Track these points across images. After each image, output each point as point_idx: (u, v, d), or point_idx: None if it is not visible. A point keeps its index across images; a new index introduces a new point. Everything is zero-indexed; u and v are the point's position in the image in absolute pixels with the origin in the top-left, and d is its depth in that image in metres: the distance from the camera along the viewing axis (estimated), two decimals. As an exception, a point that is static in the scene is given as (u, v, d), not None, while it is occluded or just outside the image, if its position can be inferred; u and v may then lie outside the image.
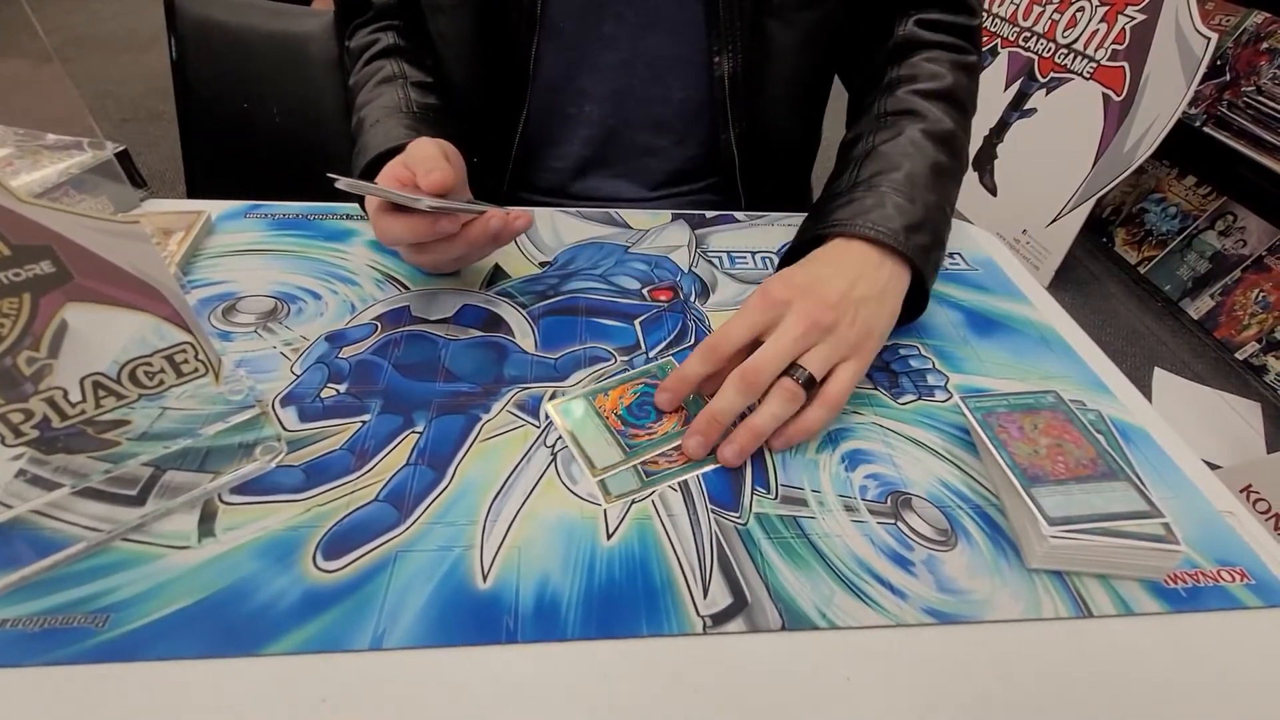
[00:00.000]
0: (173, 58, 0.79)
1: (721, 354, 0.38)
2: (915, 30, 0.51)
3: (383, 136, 0.48)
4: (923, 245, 0.43)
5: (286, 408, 0.38)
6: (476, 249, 0.43)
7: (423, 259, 0.43)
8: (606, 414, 0.39)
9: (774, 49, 0.54)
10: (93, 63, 2.59)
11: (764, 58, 0.54)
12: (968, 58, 0.51)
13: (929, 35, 0.51)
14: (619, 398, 0.40)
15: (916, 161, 0.46)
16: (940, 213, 0.45)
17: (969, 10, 0.52)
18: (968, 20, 0.52)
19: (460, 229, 0.41)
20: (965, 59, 0.51)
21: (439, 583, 0.30)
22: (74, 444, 0.29)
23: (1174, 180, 1.78)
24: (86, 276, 0.26)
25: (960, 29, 0.51)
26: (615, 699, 0.27)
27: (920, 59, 0.51)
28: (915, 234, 0.43)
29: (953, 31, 0.51)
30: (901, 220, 0.43)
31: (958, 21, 0.51)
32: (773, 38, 0.53)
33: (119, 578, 0.30)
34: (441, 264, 0.44)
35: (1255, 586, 0.33)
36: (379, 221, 0.41)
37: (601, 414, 0.39)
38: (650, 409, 0.40)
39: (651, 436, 0.38)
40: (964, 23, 0.51)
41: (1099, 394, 0.44)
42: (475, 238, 0.42)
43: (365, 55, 0.57)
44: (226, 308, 0.45)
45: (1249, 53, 1.55)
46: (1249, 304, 1.59)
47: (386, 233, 0.41)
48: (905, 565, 0.33)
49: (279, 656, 0.27)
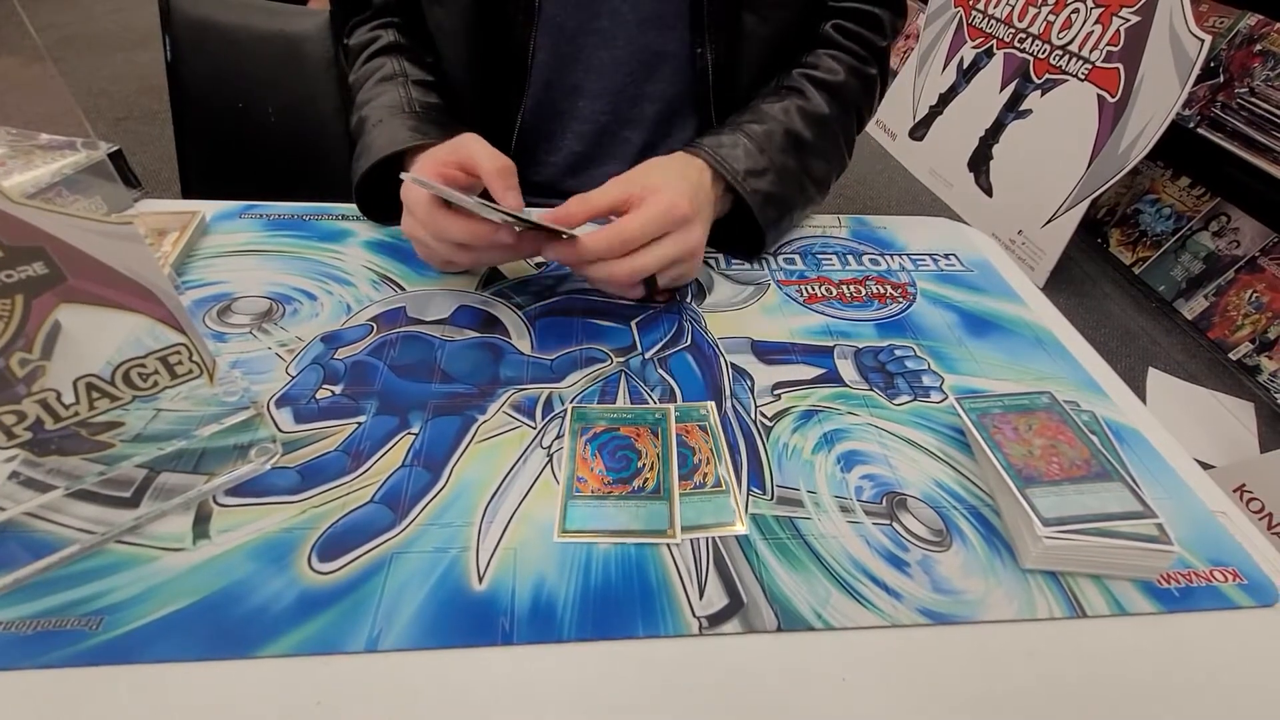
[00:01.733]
0: (167, 57, 0.79)
1: (628, 243, 0.43)
2: (830, 32, 0.57)
3: (387, 138, 0.48)
4: (760, 191, 0.50)
5: (282, 409, 0.38)
6: (513, 258, 0.45)
7: (464, 257, 0.44)
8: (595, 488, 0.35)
9: (747, 41, 0.55)
10: (87, 61, 2.57)
11: (738, 50, 0.55)
12: (868, 69, 0.57)
13: (839, 39, 0.56)
14: (590, 466, 0.37)
15: (779, 125, 0.52)
16: (792, 176, 0.52)
17: (881, 31, 0.57)
18: (878, 40, 0.57)
19: (514, 239, 0.42)
20: (865, 69, 0.57)
21: (434, 584, 0.30)
22: (67, 446, 0.29)
23: (1168, 181, 1.79)
24: (79, 277, 0.26)
25: (869, 44, 0.57)
26: (611, 700, 0.27)
27: (825, 53, 0.56)
28: (754, 179, 0.50)
29: (861, 43, 0.56)
30: (746, 163, 0.50)
31: (868, 37, 0.56)
32: (747, 30, 0.54)
33: (113, 580, 0.29)
34: (478, 264, 0.46)
35: (1247, 586, 0.33)
36: (437, 218, 0.41)
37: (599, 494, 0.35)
38: (629, 455, 0.37)
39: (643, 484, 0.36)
40: (874, 40, 0.57)
41: (1093, 394, 0.44)
42: (524, 247, 0.43)
43: (365, 53, 0.57)
44: (221, 308, 0.45)
45: (1242, 55, 1.55)
46: (1242, 304, 1.59)
47: (444, 231, 0.42)
48: (900, 566, 0.33)
49: (274, 659, 0.27)
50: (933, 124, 2.18)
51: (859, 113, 0.58)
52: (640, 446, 0.38)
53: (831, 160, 0.57)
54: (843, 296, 0.51)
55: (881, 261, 0.56)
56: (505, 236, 0.41)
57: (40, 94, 0.49)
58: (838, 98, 0.55)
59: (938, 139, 2.16)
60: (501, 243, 0.42)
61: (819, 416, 0.41)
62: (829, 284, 0.53)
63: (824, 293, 0.52)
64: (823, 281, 0.53)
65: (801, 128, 0.53)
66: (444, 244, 0.43)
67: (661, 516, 0.34)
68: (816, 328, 0.48)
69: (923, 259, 0.57)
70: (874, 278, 0.54)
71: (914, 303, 0.51)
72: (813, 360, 0.45)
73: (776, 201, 0.51)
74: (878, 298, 0.51)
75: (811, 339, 0.47)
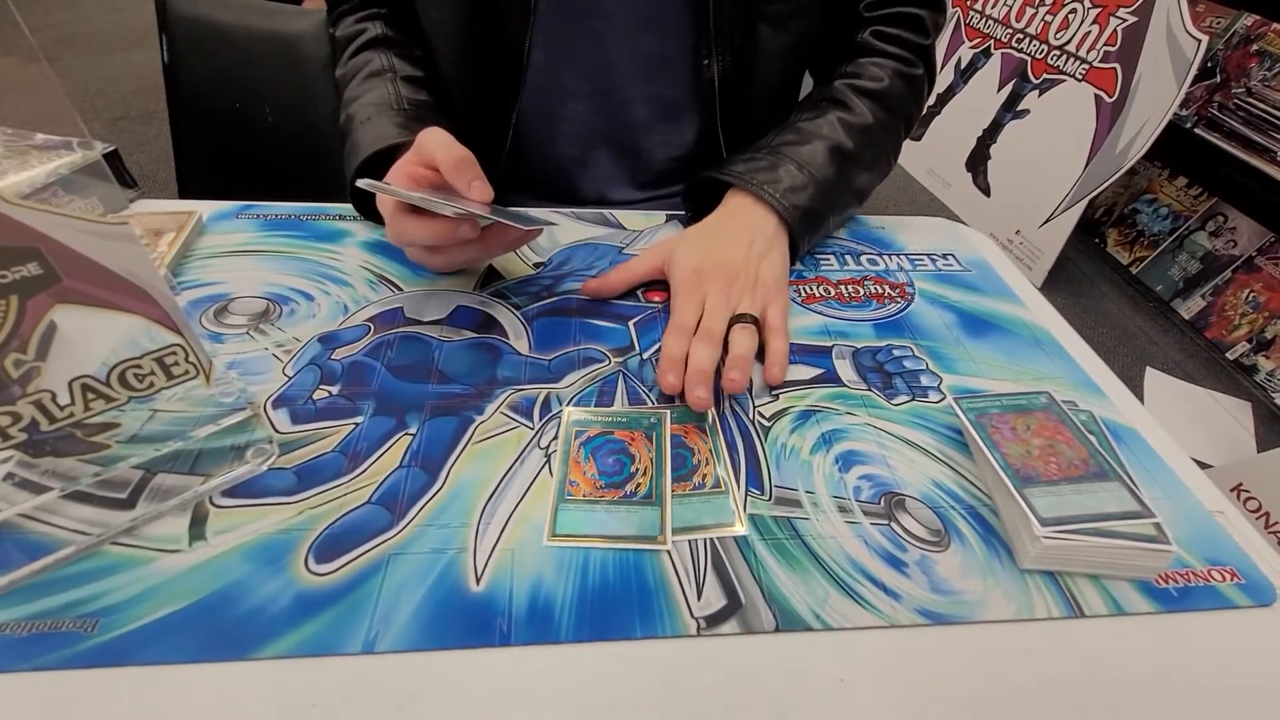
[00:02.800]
0: (164, 57, 0.79)
1: (688, 330, 0.42)
2: (869, 39, 0.56)
3: (374, 136, 0.48)
4: (798, 205, 0.49)
5: (278, 410, 0.38)
6: (490, 254, 0.44)
7: (435, 260, 0.43)
8: (586, 492, 0.35)
9: (762, 52, 0.55)
10: (84, 61, 2.57)
11: (752, 61, 0.55)
12: (914, 70, 0.56)
13: (881, 45, 0.55)
14: (583, 469, 0.36)
15: (822, 142, 0.51)
16: (831, 186, 0.51)
17: (923, 30, 0.56)
18: (920, 39, 0.56)
19: (480, 234, 0.41)
20: (911, 71, 0.55)
21: (432, 586, 0.30)
22: (63, 447, 0.29)
23: (1165, 181, 1.80)
24: (74, 278, 0.26)
25: (912, 45, 0.55)
26: (609, 701, 0.27)
27: (867, 61, 0.55)
28: (793, 195, 0.49)
29: (904, 45, 0.55)
30: (787, 183, 0.49)
31: (910, 38, 0.55)
32: (762, 42, 0.54)
33: (108, 582, 0.29)
34: (452, 266, 0.45)
35: (1245, 586, 0.33)
36: (398, 223, 0.41)
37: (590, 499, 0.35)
38: (623, 459, 0.37)
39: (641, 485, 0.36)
40: (916, 40, 0.55)
41: (1091, 394, 0.44)
42: (493, 243, 0.43)
43: (352, 46, 0.56)
44: (218, 309, 0.44)
45: (1239, 55, 1.56)
46: (1239, 304, 1.60)
47: (405, 235, 0.41)
48: (899, 566, 0.33)
49: (271, 660, 0.27)
50: (931, 124, 2.19)
51: (907, 117, 0.57)
52: (634, 451, 0.37)
53: (876, 170, 0.56)
54: (841, 296, 0.51)
55: (879, 261, 0.56)
56: (467, 232, 0.41)
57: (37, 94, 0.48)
58: (884, 105, 0.54)
59: (936, 139, 2.17)
60: (465, 238, 0.41)
61: (817, 417, 0.40)
62: (827, 284, 0.52)
63: (822, 293, 0.51)
64: (821, 281, 0.53)
65: (846, 138, 0.52)
66: (413, 249, 0.43)
67: (653, 522, 0.34)
68: (814, 328, 0.48)
69: (921, 259, 0.57)
70: (872, 278, 0.54)
71: (912, 303, 0.51)
72: (811, 360, 0.45)
73: (813, 216, 0.51)
74: (876, 298, 0.51)
75: (809, 339, 0.47)
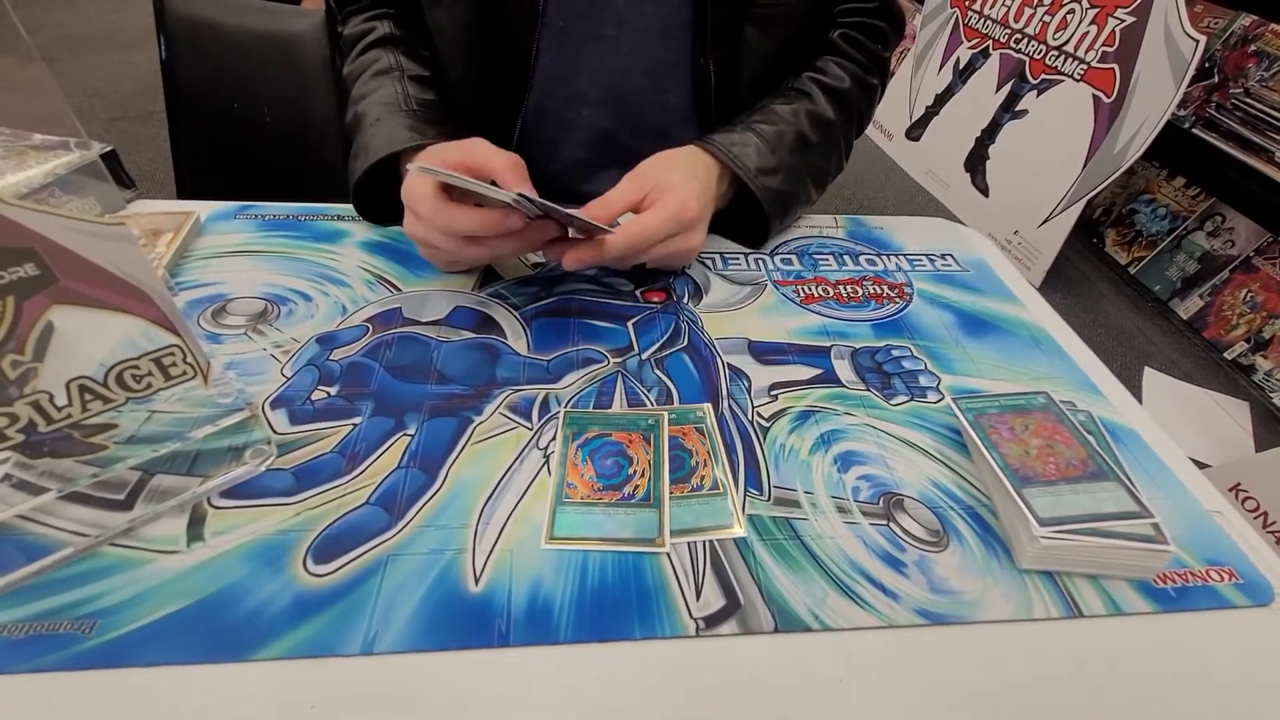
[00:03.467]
0: (162, 57, 0.79)
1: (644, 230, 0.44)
2: (837, 40, 0.59)
3: (385, 139, 0.48)
4: (771, 188, 0.52)
5: (277, 410, 0.38)
6: (525, 249, 0.45)
7: (472, 251, 0.44)
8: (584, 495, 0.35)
9: (748, 52, 0.56)
10: (83, 61, 2.56)
11: (739, 59, 0.56)
12: (870, 78, 0.59)
13: (845, 47, 0.59)
14: (581, 472, 0.36)
15: (789, 127, 0.54)
16: (797, 173, 0.54)
17: (884, 42, 0.60)
18: (879, 50, 0.59)
19: (524, 226, 0.42)
20: (868, 78, 0.59)
21: (430, 586, 0.30)
22: (60, 448, 0.29)
23: (1163, 181, 1.80)
24: (71, 279, 0.26)
25: (871, 53, 0.59)
26: (608, 702, 0.27)
27: (831, 60, 0.58)
28: (766, 176, 0.52)
29: (864, 52, 0.59)
30: (758, 161, 0.51)
31: (870, 47, 0.59)
32: (749, 41, 0.55)
33: (106, 583, 0.29)
34: (484, 260, 0.48)
35: (1243, 586, 0.33)
36: (445, 212, 0.42)
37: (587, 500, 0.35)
38: (621, 461, 0.37)
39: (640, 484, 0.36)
40: (875, 50, 0.59)
41: (1089, 394, 0.44)
42: (531, 239, 0.44)
43: (360, 44, 0.56)
44: (216, 310, 0.44)
45: (1237, 55, 1.56)
46: (1237, 304, 1.60)
47: (454, 224, 0.42)
48: (897, 566, 0.33)
49: (269, 662, 0.27)
50: (929, 124, 2.19)
51: (860, 119, 0.60)
52: (632, 453, 0.37)
53: (832, 163, 0.59)
54: (839, 297, 0.51)
55: (878, 262, 0.56)
56: (515, 222, 0.41)
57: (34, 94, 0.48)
58: (842, 104, 0.57)
59: (934, 139, 2.17)
60: (512, 229, 0.41)
61: (816, 417, 0.41)
62: (826, 284, 0.53)
63: (821, 293, 0.52)
64: (819, 282, 0.53)
65: (809, 130, 0.55)
66: (452, 240, 0.43)
67: (651, 524, 0.34)
68: (813, 328, 0.48)
69: (919, 259, 0.57)
70: (871, 278, 0.54)
71: (910, 303, 0.51)
72: (809, 361, 0.45)
73: (784, 199, 0.53)
74: (874, 298, 0.51)
75: (808, 339, 0.47)
